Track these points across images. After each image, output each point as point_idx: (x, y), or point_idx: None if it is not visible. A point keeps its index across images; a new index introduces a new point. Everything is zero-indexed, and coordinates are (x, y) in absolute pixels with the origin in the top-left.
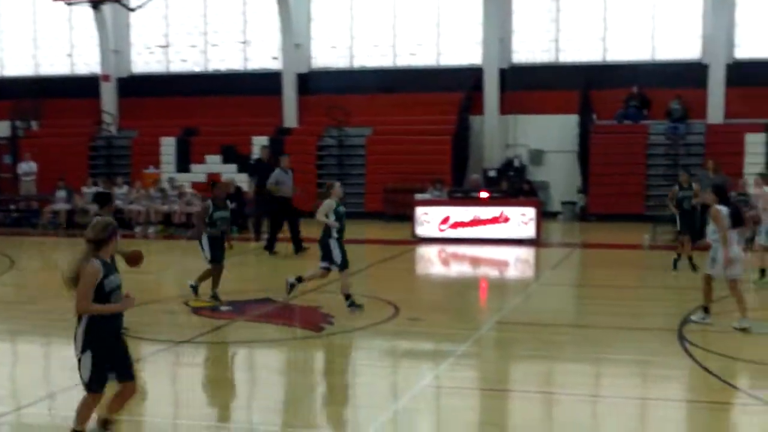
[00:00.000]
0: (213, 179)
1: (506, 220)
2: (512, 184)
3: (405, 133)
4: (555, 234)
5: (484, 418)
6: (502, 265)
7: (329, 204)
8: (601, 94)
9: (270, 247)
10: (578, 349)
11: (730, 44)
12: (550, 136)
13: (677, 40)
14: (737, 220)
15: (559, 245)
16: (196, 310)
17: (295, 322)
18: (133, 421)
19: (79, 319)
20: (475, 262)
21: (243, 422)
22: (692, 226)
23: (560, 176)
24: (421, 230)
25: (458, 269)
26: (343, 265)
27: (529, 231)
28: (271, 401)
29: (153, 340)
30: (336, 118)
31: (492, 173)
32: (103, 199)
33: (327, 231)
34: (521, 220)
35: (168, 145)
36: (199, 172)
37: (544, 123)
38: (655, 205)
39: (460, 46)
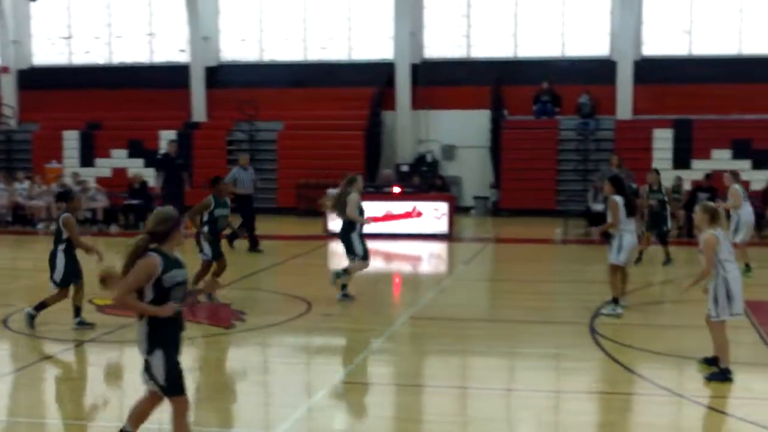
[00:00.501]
0: (214, 175)
1: (419, 215)
2: (425, 180)
3: (317, 128)
4: (468, 229)
5: (399, 414)
6: (415, 260)
7: (356, 199)
8: (512, 89)
9: (253, 245)
10: (492, 343)
11: (638, 42)
12: (462, 131)
13: (586, 38)
14: (630, 209)
15: (472, 240)
16: (101, 309)
17: (205, 319)
18: (34, 424)
19: (141, 316)
20: (388, 257)
21: (151, 422)
22: (659, 225)
23: (472, 171)
24: (334, 226)
25: (371, 264)
26: (365, 258)
27: (441, 226)
28: None
29: (57, 340)
30: (246, 112)
31: (404, 168)
32: (65, 197)
33: (351, 225)
34: (434, 215)
35: (71, 139)
36: (103, 167)
37: (456, 118)
38: (566, 200)
39: (371, 41)
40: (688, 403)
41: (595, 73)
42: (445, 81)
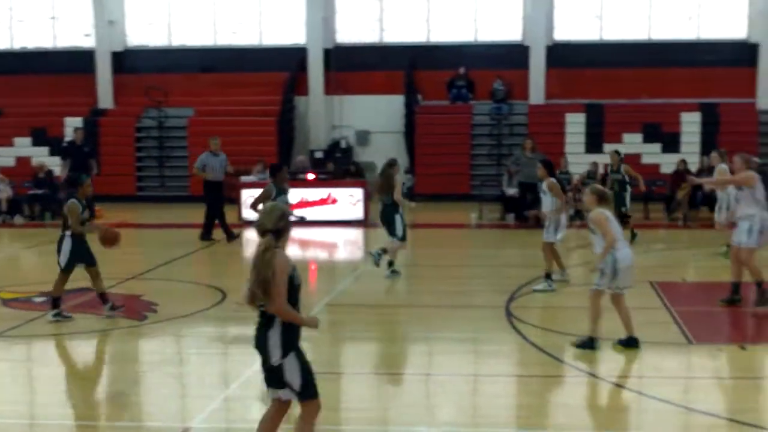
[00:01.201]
0: (271, 163)
1: (334, 201)
2: (339, 166)
3: (228, 114)
4: None
5: None
6: (330, 247)
7: (400, 181)
8: (426, 74)
9: (206, 235)
10: (409, 329)
11: (550, 27)
12: (376, 116)
13: (499, 22)
14: (563, 191)
15: None
16: (6, 302)
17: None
18: None
19: (269, 321)
20: (304, 244)
21: (64, 418)
22: (618, 206)
23: (387, 157)
24: (248, 213)
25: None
26: (403, 238)
27: (357, 212)
28: (95, 395)
29: None
30: (155, 98)
31: (318, 155)
32: (75, 182)
33: (395, 207)
34: (349, 201)
35: None
36: (6, 156)
37: (370, 103)
38: (481, 185)
39: (283, 26)
40: (603, 383)
41: (509, 57)
42: (358, 66)
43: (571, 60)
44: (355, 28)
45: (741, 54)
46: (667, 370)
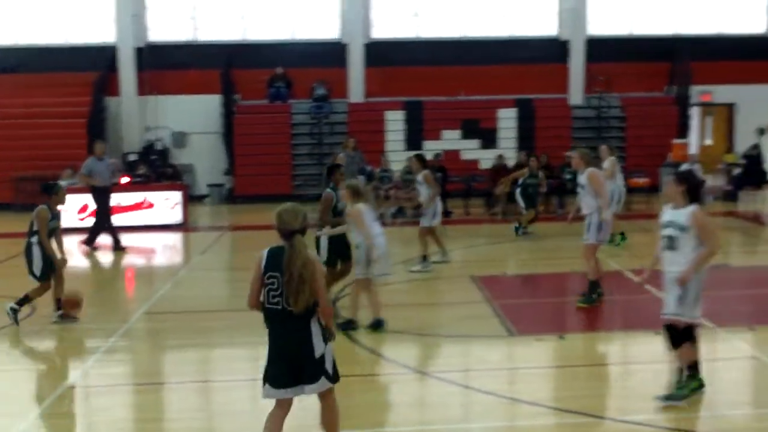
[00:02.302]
0: (328, 165)
1: (150, 205)
2: (155, 168)
3: (33, 117)
4: (203, 218)
5: (140, 415)
6: (148, 252)
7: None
8: (244, 73)
9: (90, 242)
10: (232, 335)
11: (367, 25)
12: (192, 117)
13: (317, 21)
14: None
15: (208, 229)
16: None
17: None
18: None
19: (307, 318)
20: (120, 251)
21: None
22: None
23: (205, 158)
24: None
25: (102, 260)
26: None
27: (175, 216)
28: None
29: None
30: None
31: (132, 157)
32: (50, 189)
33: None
34: (166, 204)
35: None
36: None
37: (185, 104)
38: (302, 184)
39: (91, 23)
40: (429, 379)
41: (327, 56)
42: (172, 65)
43: (390, 58)
44: (167, 26)
45: (553, 51)
46: (491, 362)
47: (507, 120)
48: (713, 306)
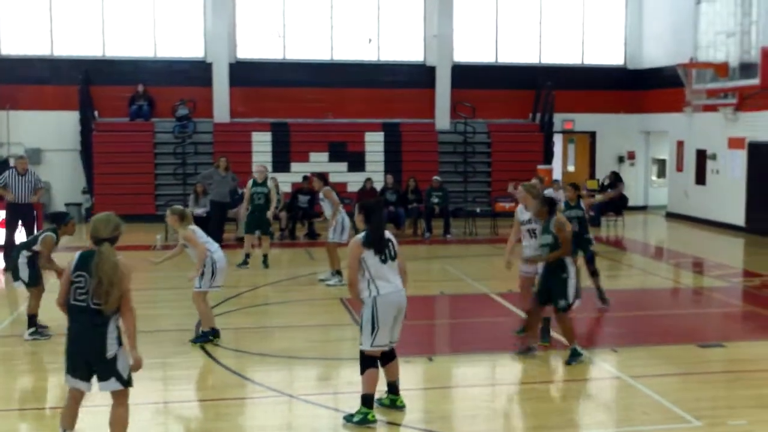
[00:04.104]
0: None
1: (1, 224)
2: (4, 186)
3: None
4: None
5: None
6: None
7: None
8: (102, 90)
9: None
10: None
11: (233, 44)
12: (48, 133)
13: (180, 39)
14: None
15: (64, 249)
16: None
17: None
18: None
19: (107, 319)
20: None
21: None
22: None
23: (63, 176)
24: None
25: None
26: None
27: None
28: None
29: None
30: None
31: None
32: (60, 219)
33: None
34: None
35: None
36: None
37: (41, 119)
38: (165, 205)
39: None
40: (298, 402)
41: (191, 75)
42: (26, 80)
43: (256, 79)
44: (22, 40)
45: (419, 76)
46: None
47: (374, 143)
48: (579, 328)
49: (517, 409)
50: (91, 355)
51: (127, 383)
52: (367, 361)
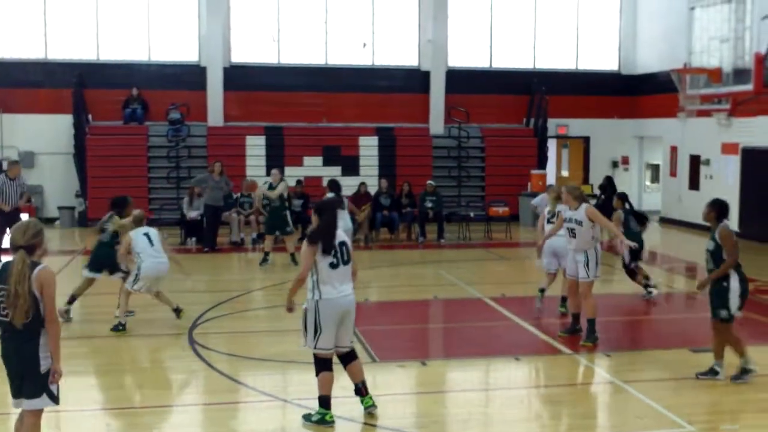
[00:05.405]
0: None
1: None
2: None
3: None
4: (52, 241)
5: None
6: None
7: None
8: (96, 93)
9: None
10: (87, 361)
11: (227, 48)
12: (42, 136)
13: (175, 42)
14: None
15: (57, 253)
16: None
17: None
18: None
19: (35, 333)
20: None
21: None
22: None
23: (56, 180)
24: None
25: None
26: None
27: None
28: None
29: None
30: None
31: None
32: (121, 203)
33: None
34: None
35: None
36: None
37: (34, 123)
38: (159, 208)
39: None
40: (292, 407)
41: (186, 78)
42: (21, 83)
43: (250, 83)
44: (17, 44)
45: (414, 81)
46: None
47: (368, 148)
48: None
49: (510, 414)
50: (21, 371)
51: (57, 400)
52: (319, 364)
